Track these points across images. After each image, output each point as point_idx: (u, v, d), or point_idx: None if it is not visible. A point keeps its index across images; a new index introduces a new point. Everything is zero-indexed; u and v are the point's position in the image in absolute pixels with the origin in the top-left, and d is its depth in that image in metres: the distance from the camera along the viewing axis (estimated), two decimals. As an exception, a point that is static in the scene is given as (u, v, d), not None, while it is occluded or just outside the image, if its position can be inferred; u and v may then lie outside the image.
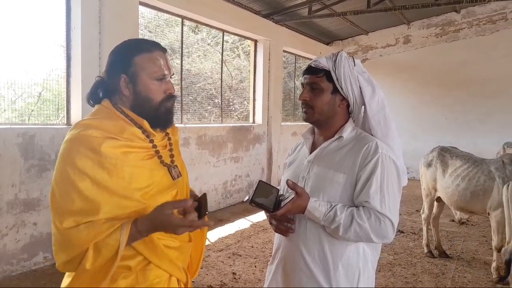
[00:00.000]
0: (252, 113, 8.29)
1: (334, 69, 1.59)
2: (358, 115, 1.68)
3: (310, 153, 1.67)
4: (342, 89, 1.60)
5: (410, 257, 4.63)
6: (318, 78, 1.60)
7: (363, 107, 1.65)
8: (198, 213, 1.49)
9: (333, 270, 1.52)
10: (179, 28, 6.37)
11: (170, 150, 1.48)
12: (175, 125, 1.57)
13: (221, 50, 7.45)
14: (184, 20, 6.40)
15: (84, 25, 4.47)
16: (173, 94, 1.43)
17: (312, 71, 1.62)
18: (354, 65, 1.62)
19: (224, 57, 7.67)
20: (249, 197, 1.44)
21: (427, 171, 4.68)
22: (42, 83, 4.74)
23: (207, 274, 4.05)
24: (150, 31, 6.08)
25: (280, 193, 1.53)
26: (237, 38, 8.39)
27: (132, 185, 1.28)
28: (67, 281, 1.30)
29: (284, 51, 9.15)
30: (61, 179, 1.26)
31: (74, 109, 4.55)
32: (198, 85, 7.29)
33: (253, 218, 6.25)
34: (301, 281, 1.56)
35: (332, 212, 1.46)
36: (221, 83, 7.44)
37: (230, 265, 4.31)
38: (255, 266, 4.30)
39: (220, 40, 7.45)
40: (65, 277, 1.33)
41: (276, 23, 8.29)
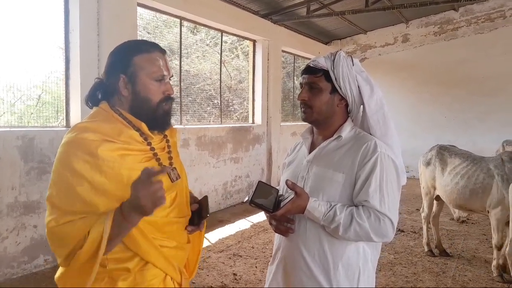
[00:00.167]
0: (252, 114, 8.29)
1: (333, 69, 1.59)
2: (357, 115, 1.68)
3: (309, 153, 1.67)
4: (341, 89, 1.60)
5: (411, 256, 4.63)
6: (317, 78, 1.60)
7: (362, 107, 1.65)
8: (199, 215, 1.49)
9: (333, 270, 1.52)
10: (178, 29, 6.38)
11: (169, 152, 1.48)
12: (174, 127, 1.57)
13: (220, 51, 7.45)
14: (183, 21, 6.40)
15: (83, 27, 4.47)
16: (172, 96, 1.42)
17: (311, 71, 1.62)
18: (353, 65, 1.62)
19: (223, 58, 7.67)
20: (249, 198, 1.45)
21: (426, 170, 4.68)
22: (42, 86, 4.74)
23: (208, 275, 4.05)
24: (149, 32, 6.08)
25: (280, 193, 1.53)
26: (236, 39, 8.39)
27: (130, 190, 1.28)
28: (59, 272, 1.30)
29: (283, 51, 9.16)
30: (59, 182, 1.26)
31: (73, 111, 4.55)
32: (197, 86, 7.29)
33: (254, 219, 6.25)
34: (302, 281, 1.56)
35: (332, 212, 1.47)
36: (220, 84, 7.44)
37: (231, 266, 4.31)
38: (256, 267, 4.30)
39: (219, 41, 7.45)
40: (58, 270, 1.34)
41: (275, 23, 8.29)
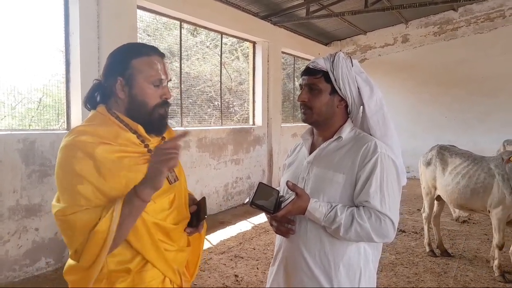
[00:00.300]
0: (252, 115, 8.30)
1: (332, 70, 1.60)
2: (357, 115, 1.69)
3: (310, 154, 1.68)
4: (341, 90, 1.60)
5: (412, 257, 4.63)
6: (316, 79, 1.61)
7: (362, 107, 1.65)
8: (197, 217, 1.50)
9: (334, 270, 1.52)
10: (178, 31, 6.39)
11: None
12: (172, 129, 1.57)
13: (220, 53, 7.47)
14: (183, 23, 6.42)
15: (83, 30, 4.49)
16: (168, 100, 1.42)
17: (310, 72, 1.63)
18: (352, 66, 1.63)
19: (223, 60, 7.68)
20: (250, 199, 1.45)
21: (427, 170, 4.68)
22: (42, 89, 4.75)
23: (209, 277, 4.05)
24: (149, 35, 6.09)
25: (280, 195, 1.54)
26: (236, 40, 8.40)
27: (129, 189, 1.28)
28: (68, 264, 1.30)
29: (283, 53, 9.17)
30: (62, 184, 1.27)
31: (74, 114, 4.56)
32: (198, 88, 7.30)
33: (255, 220, 6.26)
34: (303, 282, 1.57)
35: (333, 213, 1.47)
36: (221, 86, 7.45)
37: (232, 268, 4.31)
38: (257, 268, 4.30)
39: (219, 43, 7.47)
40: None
41: (274, 25, 8.31)
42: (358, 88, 1.61)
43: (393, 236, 1.50)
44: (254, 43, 8.22)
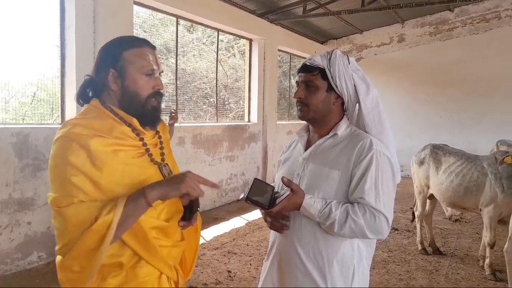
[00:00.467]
0: (247, 112, 8.29)
1: (329, 67, 1.60)
2: (353, 113, 1.69)
3: (305, 151, 1.68)
4: (337, 87, 1.61)
5: (404, 254, 4.66)
6: (313, 76, 1.61)
7: (358, 105, 1.66)
8: (190, 210, 1.50)
9: (328, 267, 1.53)
10: (174, 28, 6.36)
11: (161, 149, 1.48)
12: (167, 125, 1.57)
13: (216, 49, 7.45)
14: (179, 20, 6.39)
15: (78, 25, 4.46)
16: (161, 91, 1.42)
17: (307, 69, 1.63)
18: (349, 63, 1.63)
19: (219, 57, 7.66)
20: (245, 195, 1.45)
21: (420, 169, 4.71)
22: (37, 83, 4.72)
23: (202, 272, 4.06)
24: (145, 31, 6.06)
25: (275, 191, 1.54)
26: (232, 37, 8.38)
27: (125, 181, 1.28)
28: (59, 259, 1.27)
29: (279, 50, 9.16)
30: (56, 176, 1.25)
31: (69, 109, 4.53)
32: (194, 85, 7.28)
33: (248, 217, 6.26)
34: (296, 278, 1.57)
35: (327, 209, 1.47)
36: (216, 82, 7.44)
37: (225, 263, 4.32)
38: (250, 264, 4.31)
39: (215, 39, 7.45)
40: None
41: (271, 22, 8.30)
42: (355, 86, 1.62)
43: (387, 233, 1.50)
44: (251, 41, 8.20)
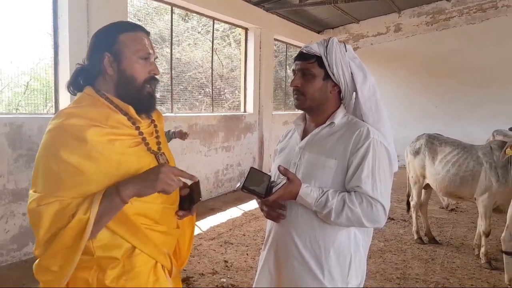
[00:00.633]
0: (243, 102, 8.26)
1: (326, 55, 1.58)
2: (350, 102, 1.68)
3: (302, 140, 1.67)
4: (334, 75, 1.59)
5: (400, 244, 4.69)
6: (310, 64, 1.59)
7: (355, 93, 1.64)
8: (191, 200, 1.48)
9: (325, 256, 1.53)
10: (169, 16, 6.29)
11: (157, 137, 1.46)
12: (162, 114, 1.55)
13: (212, 39, 7.38)
14: (174, 8, 6.31)
15: (72, 13, 4.39)
16: (156, 77, 1.40)
17: (304, 57, 1.61)
18: (346, 51, 1.61)
19: (215, 46, 7.61)
20: (241, 184, 1.43)
21: (415, 159, 4.71)
22: (30, 72, 4.67)
23: (199, 263, 4.06)
24: (139, 20, 5.99)
25: (271, 180, 1.53)
26: (228, 26, 8.31)
27: (120, 174, 1.26)
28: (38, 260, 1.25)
29: (275, 40, 9.10)
30: (44, 170, 1.22)
31: (63, 98, 4.48)
32: (189, 74, 7.23)
33: (245, 207, 6.27)
34: (293, 267, 1.57)
35: (324, 198, 1.46)
36: (212, 72, 7.38)
37: (222, 253, 4.33)
38: (247, 254, 4.32)
39: (211, 28, 7.38)
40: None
41: (267, 11, 8.23)
42: (352, 74, 1.60)
43: (384, 221, 1.50)
44: (246, 30, 8.13)
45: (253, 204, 6.05)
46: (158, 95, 5.98)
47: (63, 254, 1.18)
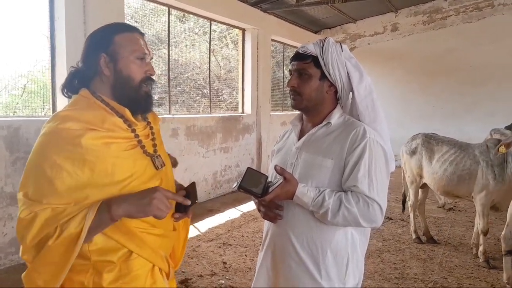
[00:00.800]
0: (241, 103, 8.26)
1: (322, 55, 1.58)
2: (346, 101, 1.68)
3: (298, 140, 1.67)
4: (330, 75, 1.59)
5: (399, 243, 4.69)
6: (306, 64, 1.60)
7: (351, 93, 1.64)
8: None
9: (322, 256, 1.53)
10: (166, 18, 6.29)
11: (153, 140, 1.45)
12: (157, 116, 1.55)
13: (209, 40, 7.38)
14: (171, 9, 6.31)
15: (68, 15, 4.39)
16: (152, 77, 1.40)
17: (300, 58, 1.61)
18: (342, 51, 1.61)
19: (212, 47, 7.61)
20: (237, 183, 1.44)
21: (411, 159, 4.71)
22: (27, 75, 4.66)
23: (198, 264, 4.06)
24: (137, 21, 5.99)
25: (268, 180, 1.53)
26: (225, 27, 8.31)
27: (115, 178, 1.25)
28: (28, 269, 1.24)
29: (273, 40, 9.10)
30: (36, 175, 1.22)
31: (60, 101, 4.47)
32: (186, 76, 7.23)
33: (243, 208, 6.26)
34: (290, 267, 1.57)
35: (321, 197, 1.47)
36: (210, 73, 7.38)
37: (221, 255, 4.32)
38: (246, 255, 4.32)
39: (208, 29, 7.38)
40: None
41: (264, 12, 8.23)
42: (348, 74, 1.60)
43: (381, 221, 1.50)
44: (244, 30, 8.14)
45: (252, 205, 6.04)
46: (156, 97, 5.97)
47: (49, 270, 1.17)
